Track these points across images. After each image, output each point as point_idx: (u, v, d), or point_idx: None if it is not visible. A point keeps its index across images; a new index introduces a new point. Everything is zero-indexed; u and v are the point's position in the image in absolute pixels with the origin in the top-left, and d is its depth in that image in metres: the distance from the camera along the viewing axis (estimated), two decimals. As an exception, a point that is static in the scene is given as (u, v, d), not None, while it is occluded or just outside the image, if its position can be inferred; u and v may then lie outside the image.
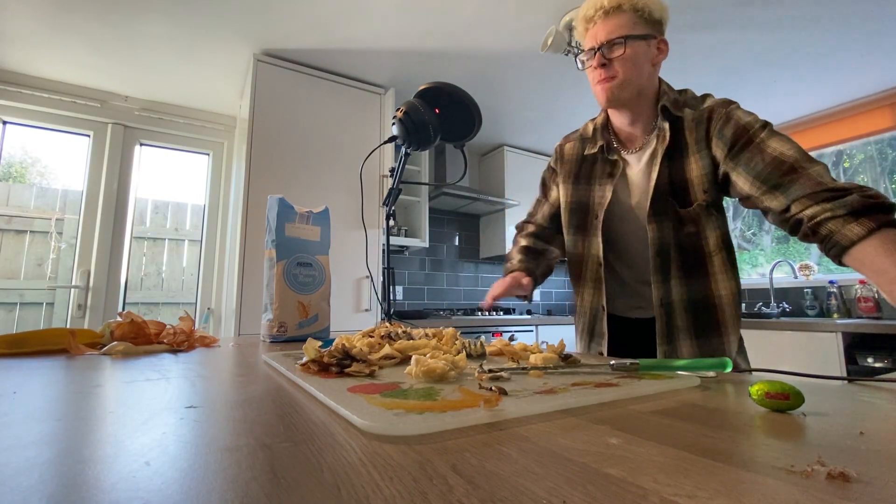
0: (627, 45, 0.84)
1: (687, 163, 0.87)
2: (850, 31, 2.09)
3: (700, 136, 0.85)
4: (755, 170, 0.77)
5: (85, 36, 2.05)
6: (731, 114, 0.82)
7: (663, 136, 0.87)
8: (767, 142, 0.77)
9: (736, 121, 0.81)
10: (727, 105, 0.84)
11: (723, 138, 0.82)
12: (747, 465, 0.22)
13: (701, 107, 0.87)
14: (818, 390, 0.43)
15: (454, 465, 0.22)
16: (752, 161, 0.78)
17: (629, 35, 0.84)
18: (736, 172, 0.81)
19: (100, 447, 0.24)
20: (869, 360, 2.04)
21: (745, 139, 0.79)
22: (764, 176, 0.76)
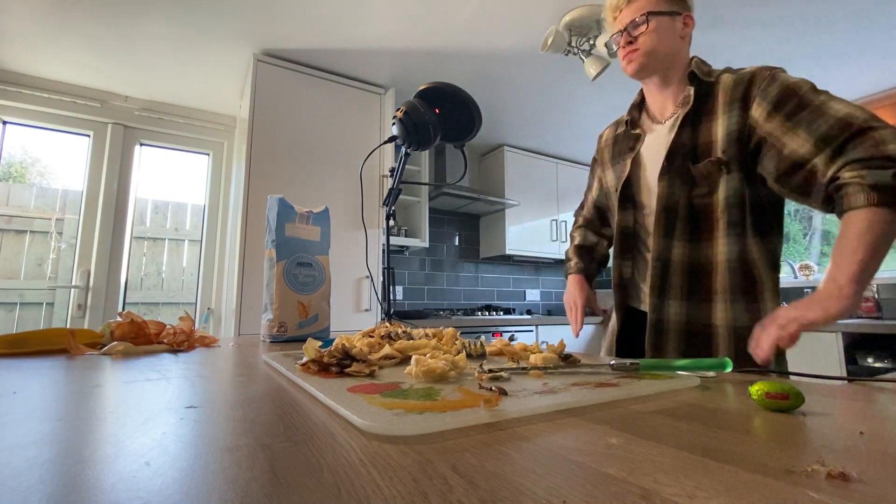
0: (650, 21, 0.87)
1: (714, 125, 0.83)
2: (850, 31, 2.09)
3: (736, 97, 0.80)
4: (819, 131, 0.68)
5: (85, 36, 2.05)
6: (777, 75, 0.77)
7: (687, 101, 0.88)
8: (829, 103, 0.69)
9: (782, 81, 0.75)
10: (772, 69, 0.78)
11: (767, 97, 0.75)
12: (747, 465, 0.22)
13: (744, 70, 0.83)
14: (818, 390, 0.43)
15: (454, 465, 0.22)
16: (814, 123, 0.69)
17: (651, 11, 0.87)
18: (790, 134, 0.71)
19: (100, 447, 0.24)
20: (869, 360, 2.04)
21: (797, 100, 0.72)
22: (831, 139, 0.67)
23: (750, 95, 0.78)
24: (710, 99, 0.85)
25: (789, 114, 0.72)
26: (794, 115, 0.71)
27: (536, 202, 3.46)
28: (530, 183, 3.46)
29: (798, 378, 0.59)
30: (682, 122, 0.87)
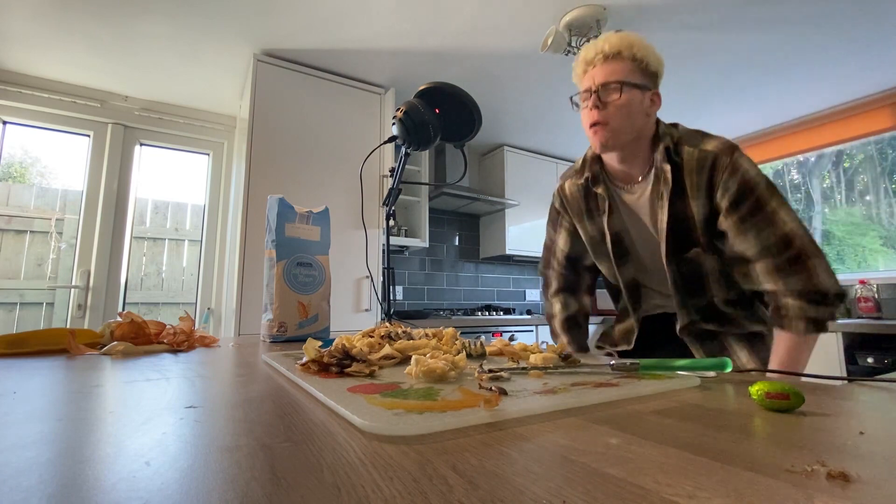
0: (623, 91, 0.84)
1: (687, 204, 0.87)
2: (850, 31, 2.09)
3: (702, 183, 0.85)
4: (765, 241, 0.80)
5: (85, 36, 2.05)
6: (737, 165, 0.82)
7: (665, 179, 0.87)
8: (779, 212, 0.80)
9: (742, 174, 0.81)
10: (731, 153, 0.83)
11: (728, 192, 0.82)
12: (747, 464, 0.22)
13: (702, 147, 0.86)
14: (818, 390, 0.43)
15: (454, 465, 0.22)
16: (762, 231, 0.80)
17: (626, 81, 0.84)
18: (742, 236, 0.82)
19: (100, 447, 0.24)
20: (869, 360, 2.04)
21: (753, 201, 0.81)
22: (773, 251, 0.80)
23: (713, 184, 0.84)
24: (679, 175, 0.87)
25: (743, 217, 0.82)
26: (747, 219, 0.82)
27: (536, 202, 3.46)
28: (530, 183, 3.46)
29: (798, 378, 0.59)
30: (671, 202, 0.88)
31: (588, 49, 0.89)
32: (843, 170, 2.94)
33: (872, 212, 2.77)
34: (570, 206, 1.06)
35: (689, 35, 2.10)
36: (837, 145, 2.87)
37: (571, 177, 1.06)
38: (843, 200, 2.92)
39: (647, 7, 1.90)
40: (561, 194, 1.09)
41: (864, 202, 2.82)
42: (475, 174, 3.62)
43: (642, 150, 0.90)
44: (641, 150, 0.90)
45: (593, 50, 0.88)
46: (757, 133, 3.19)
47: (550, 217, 1.14)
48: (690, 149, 0.86)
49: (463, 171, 1.22)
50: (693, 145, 0.86)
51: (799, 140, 3.00)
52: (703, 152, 0.85)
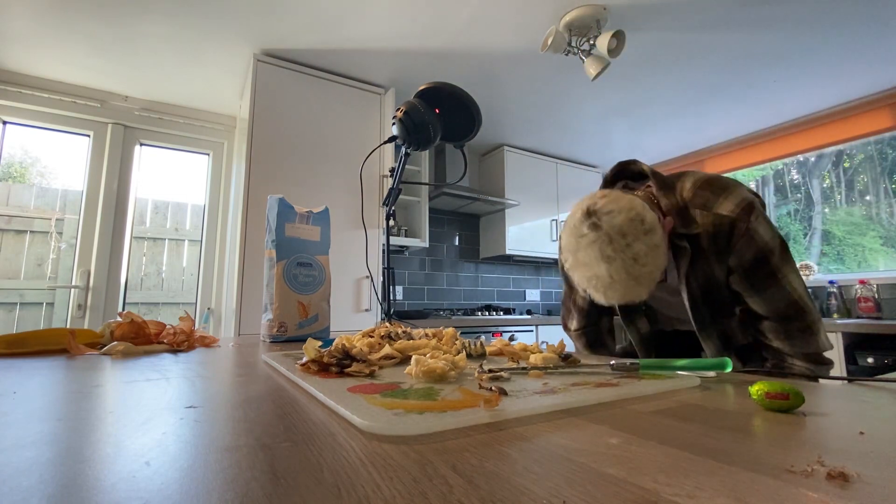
0: None
1: (708, 265, 0.86)
2: (850, 31, 2.09)
3: (721, 249, 0.83)
4: (777, 305, 0.84)
5: (85, 36, 2.05)
6: (754, 231, 0.81)
7: (682, 252, 0.85)
8: (789, 278, 0.83)
9: (758, 242, 0.81)
10: (748, 217, 0.81)
11: (742, 259, 0.83)
12: (747, 464, 0.22)
13: (717, 210, 0.82)
14: (818, 390, 0.43)
15: (454, 465, 0.22)
16: (775, 296, 0.83)
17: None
18: (755, 299, 0.85)
19: (100, 447, 0.24)
20: (869, 360, 2.04)
21: (767, 269, 0.82)
22: (784, 316, 0.84)
23: (730, 250, 0.84)
24: (695, 243, 0.85)
25: (755, 283, 0.84)
26: (759, 285, 0.84)
27: (536, 202, 3.46)
28: (530, 183, 3.46)
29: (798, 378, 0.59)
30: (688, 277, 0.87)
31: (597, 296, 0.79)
32: (843, 170, 2.94)
33: (872, 212, 2.77)
34: None
35: (689, 35, 2.10)
36: (837, 145, 2.86)
37: None
38: (843, 200, 2.92)
39: (647, 7, 1.90)
40: None
41: (864, 202, 2.82)
42: (475, 174, 3.62)
43: None
44: None
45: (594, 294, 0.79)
46: (757, 133, 3.19)
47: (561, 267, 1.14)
48: (704, 213, 0.83)
49: (463, 171, 1.22)
50: (706, 208, 0.83)
51: (799, 140, 2.99)
52: (718, 217, 0.82)
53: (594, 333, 1.13)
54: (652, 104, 2.80)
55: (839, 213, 2.92)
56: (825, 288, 2.69)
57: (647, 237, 0.74)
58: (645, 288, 0.76)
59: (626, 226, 0.74)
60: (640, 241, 0.73)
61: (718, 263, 0.85)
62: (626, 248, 0.73)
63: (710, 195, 0.84)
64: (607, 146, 3.51)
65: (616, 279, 0.74)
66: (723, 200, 0.83)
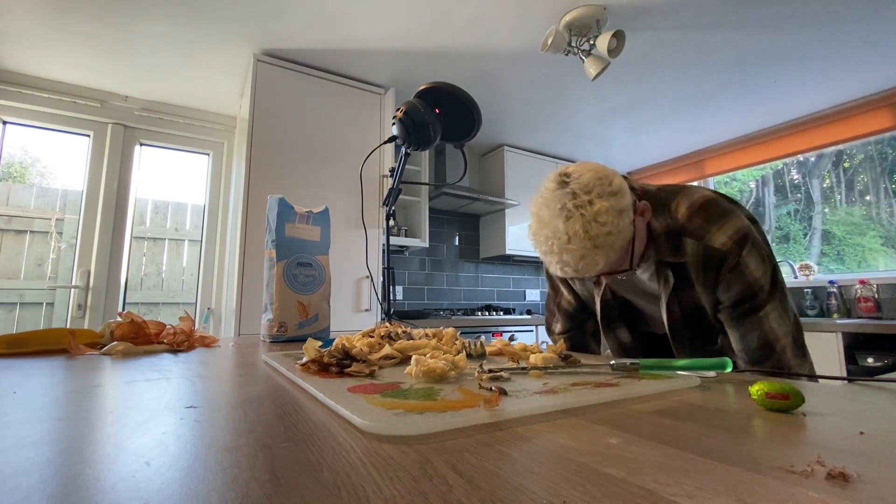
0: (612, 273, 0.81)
1: (696, 293, 0.85)
2: (850, 31, 2.09)
3: (709, 280, 0.82)
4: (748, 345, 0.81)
5: (85, 36, 2.05)
6: (744, 266, 0.78)
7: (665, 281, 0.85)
8: (770, 317, 0.79)
9: (747, 277, 0.78)
10: (739, 251, 0.78)
11: (730, 291, 0.80)
12: (747, 464, 0.22)
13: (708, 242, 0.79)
14: (818, 390, 0.43)
15: (454, 465, 0.22)
16: (748, 334, 0.81)
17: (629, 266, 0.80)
18: (732, 331, 0.83)
19: (100, 447, 0.24)
20: (869, 360, 2.04)
21: (751, 304, 0.79)
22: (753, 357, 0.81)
23: (718, 281, 0.81)
24: (683, 271, 0.84)
25: (737, 317, 0.81)
26: (740, 319, 0.81)
27: (536, 202, 3.46)
28: (530, 183, 3.46)
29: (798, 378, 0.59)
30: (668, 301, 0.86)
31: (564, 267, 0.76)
32: (843, 170, 2.94)
33: (872, 212, 2.77)
34: None
35: (689, 35, 2.10)
36: (837, 145, 2.87)
37: None
38: (843, 200, 2.92)
39: (647, 7, 1.90)
40: None
41: (864, 202, 2.82)
42: (475, 174, 3.62)
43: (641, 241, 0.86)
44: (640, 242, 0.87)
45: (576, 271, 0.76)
46: (757, 133, 3.19)
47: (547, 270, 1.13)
48: (695, 242, 0.80)
49: (463, 171, 1.22)
50: (698, 238, 0.80)
51: (799, 140, 2.99)
52: (708, 249, 0.79)
53: (579, 337, 1.12)
54: (652, 104, 2.80)
55: (839, 213, 2.92)
56: (825, 288, 2.69)
57: (611, 198, 0.73)
58: (602, 255, 0.73)
59: (592, 182, 0.73)
60: (604, 199, 0.72)
61: (707, 293, 0.83)
62: (587, 205, 0.72)
63: (704, 223, 0.80)
64: (607, 146, 3.51)
65: (572, 238, 0.72)
66: (716, 231, 0.79)
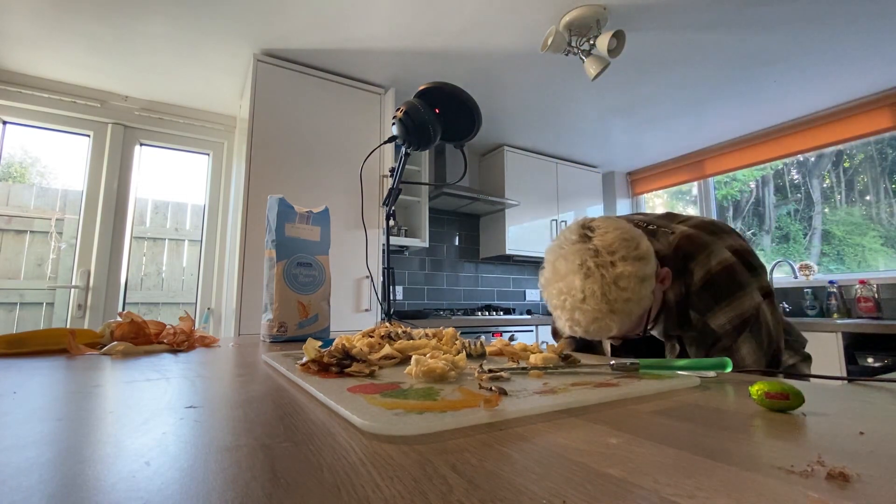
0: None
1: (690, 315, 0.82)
2: (850, 31, 2.09)
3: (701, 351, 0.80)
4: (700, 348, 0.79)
5: (85, 36, 2.05)
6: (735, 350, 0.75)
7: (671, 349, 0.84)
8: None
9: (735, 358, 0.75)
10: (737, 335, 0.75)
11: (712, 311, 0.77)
12: (747, 465, 0.22)
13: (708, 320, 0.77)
14: (818, 390, 0.43)
15: (454, 465, 0.22)
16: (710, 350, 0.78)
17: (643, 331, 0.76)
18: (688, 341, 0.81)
19: (100, 447, 0.24)
20: (869, 360, 2.04)
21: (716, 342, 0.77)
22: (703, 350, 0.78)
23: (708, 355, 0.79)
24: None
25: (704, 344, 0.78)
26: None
27: (536, 202, 3.46)
28: (530, 183, 3.46)
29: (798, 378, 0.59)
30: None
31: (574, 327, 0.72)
32: (843, 170, 2.94)
33: (872, 212, 2.77)
34: None
35: (689, 35, 2.10)
36: (837, 145, 2.87)
37: None
38: (843, 200, 2.92)
39: (647, 7, 1.90)
40: None
41: (864, 202, 2.82)
42: (475, 174, 3.62)
43: None
44: None
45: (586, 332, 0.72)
46: (757, 133, 3.19)
47: None
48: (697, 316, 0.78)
49: (463, 171, 1.22)
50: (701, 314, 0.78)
51: (799, 140, 2.99)
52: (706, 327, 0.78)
53: None
54: (652, 104, 2.80)
55: (839, 213, 2.92)
56: (825, 288, 2.69)
57: (636, 263, 0.68)
58: (617, 321, 0.68)
59: (617, 242, 0.69)
60: (628, 263, 0.68)
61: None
62: (609, 266, 0.67)
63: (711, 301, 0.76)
64: (607, 146, 3.51)
65: (588, 298, 0.67)
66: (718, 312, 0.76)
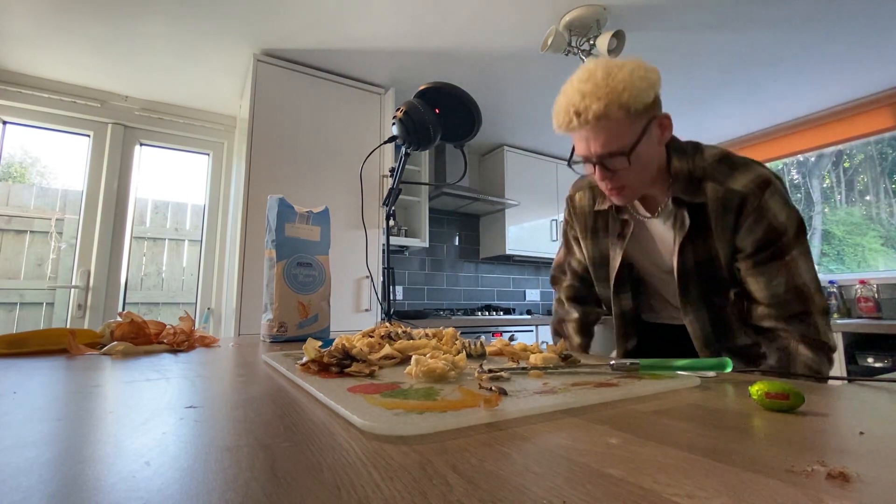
0: (631, 157, 0.75)
1: (712, 242, 0.82)
2: (850, 31, 2.09)
3: (727, 224, 0.79)
4: (776, 289, 0.77)
5: (85, 36, 2.05)
6: (765, 208, 0.75)
7: (681, 224, 0.82)
8: (798, 261, 0.76)
9: (770, 220, 0.75)
10: (762, 192, 0.75)
11: (752, 235, 0.77)
12: (747, 465, 0.22)
13: (728, 185, 0.77)
14: (818, 390, 0.43)
15: (454, 465, 0.22)
16: (775, 278, 0.77)
17: (630, 147, 0.74)
18: (755, 279, 0.79)
19: (100, 447, 0.24)
20: (869, 360, 2.04)
21: (775, 248, 0.76)
22: (782, 301, 0.77)
23: (739, 225, 0.79)
24: (701, 216, 0.81)
25: (760, 262, 0.78)
26: (763, 264, 0.78)
27: (536, 202, 3.46)
28: (530, 183, 3.46)
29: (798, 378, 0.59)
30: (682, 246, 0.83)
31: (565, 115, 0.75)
32: (843, 170, 2.94)
33: (872, 212, 2.78)
34: (577, 219, 1.02)
35: (689, 35, 2.10)
36: (837, 145, 2.87)
37: (584, 189, 1.00)
38: (843, 200, 2.92)
39: (647, 7, 1.90)
40: (570, 204, 1.04)
41: (864, 202, 2.82)
42: (475, 174, 3.62)
43: (661, 179, 0.84)
44: (660, 180, 0.84)
45: (574, 118, 0.74)
46: (757, 133, 3.19)
47: (563, 229, 1.11)
48: (716, 186, 0.78)
49: (463, 171, 1.22)
50: (719, 182, 0.78)
51: (799, 140, 3.00)
52: (729, 192, 0.77)
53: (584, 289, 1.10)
54: (652, 104, 2.80)
55: (839, 213, 2.92)
56: (825, 288, 2.69)
57: (643, 69, 0.73)
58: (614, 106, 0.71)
59: (630, 64, 0.73)
60: (636, 74, 0.72)
61: (723, 242, 0.80)
62: (616, 66, 0.73)
63: (728, 169, 0.79)
64: (607, 146, 3.50)
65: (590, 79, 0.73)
66: (738, 175, 0.78)
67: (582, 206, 1.00)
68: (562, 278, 1.14)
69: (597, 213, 0.97)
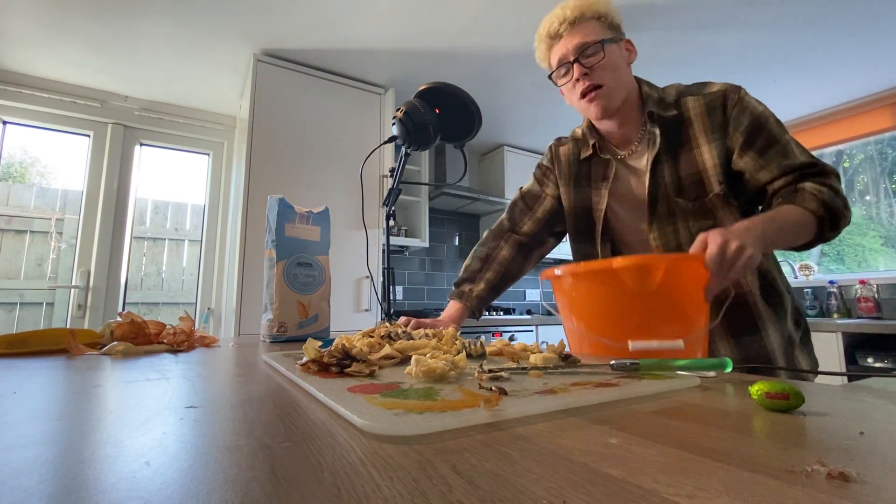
0: (605, 49, 0.82)
1: (697, 154, 0.83)
2: (850, 31, 2.09)
3: (715, 124, 0.82)
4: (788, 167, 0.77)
5: (85, 36, 2.05)
6: (745, 101, 0.81)
7: (653, 141, 0.85)
8: (791, 145, 0.79)
9: (751, 111, 0.80)
10: (737, 90, 0.82)
11: (741, 127, 0.80)
12: (747, 465, 0.22)
13: (706, 91, 0.84)
14: (818, 390, 0.43)
15: (454, 465, 0.22)
16: (785, 160, 0.78)
17: (603, 39, 0.82)
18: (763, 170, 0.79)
19: (100, 447, 0.24)
20: (869, 360, 2.04)
21: (766, 134, 0.79)
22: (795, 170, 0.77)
23: (726, 122, 0.81)
24: (681, 129, 0.84)
25: (760, 150, 0.79)
26: (765, 152, 0.79)
27: (536, 202, 3.46)
28: (530, 183, 3.46)
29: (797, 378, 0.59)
30: (654, 163, 0.85)
31: (548, 23, 0.87)
32: (843, 170, 2.94)
33: (872, 212, 2.77)
34: (561, 168, 1.02)
35: (688, 35, 2.10)
36: (837, 145, 2.87)
37: (568, 142, 1.02)
38: (843, 200, 2.92)
39: (646, 7, 1.90)
40: (552, 153, 1.04)
41: (864, 202, 2.82)
42: (475, 174, 3.62)
43: (633, 109, 0.88)
44: (633, 110, 0.88)
45: (556, 20, 0.85)
46: (757, 133, 3.19)
47: (535, 175, 1.08)
48: (695, 97, 0.84)
49: (463, 171, 1.22)
50: (696, 93, 0.85)
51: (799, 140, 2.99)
52: (709, 94, 0.83)
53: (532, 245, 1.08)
54: (652, 104, 2.80)
55: (839, 213, 2.92)
56: (825, 288, 2.69)
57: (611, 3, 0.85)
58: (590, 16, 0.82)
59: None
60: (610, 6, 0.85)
61: (715, 144, 0.81)
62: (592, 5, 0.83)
63: (699, 85, 0.86)
64: (607, 146, 3.51)
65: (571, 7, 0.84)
66: (711, 84, 0.85)
67: (567, 155, 1.02)
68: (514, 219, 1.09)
69: (580, 162, 0.98)
